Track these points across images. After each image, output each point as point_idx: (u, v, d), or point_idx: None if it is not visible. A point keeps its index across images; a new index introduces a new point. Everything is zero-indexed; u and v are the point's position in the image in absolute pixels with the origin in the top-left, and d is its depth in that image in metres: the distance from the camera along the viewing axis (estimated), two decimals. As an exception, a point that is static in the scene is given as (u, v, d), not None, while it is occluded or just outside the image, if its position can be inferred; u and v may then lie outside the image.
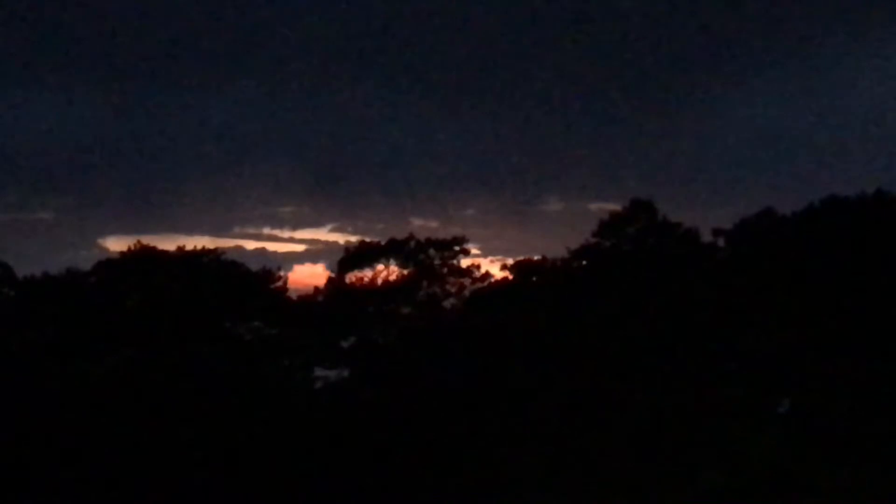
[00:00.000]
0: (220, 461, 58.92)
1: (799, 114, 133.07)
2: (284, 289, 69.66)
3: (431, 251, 69.39)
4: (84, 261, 71.08)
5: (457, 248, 69.57)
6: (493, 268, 70.42)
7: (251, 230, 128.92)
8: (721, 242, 65.37)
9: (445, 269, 69.25)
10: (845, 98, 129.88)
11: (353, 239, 74.70)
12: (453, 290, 69.25)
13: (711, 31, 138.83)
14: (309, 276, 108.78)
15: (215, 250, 70.32)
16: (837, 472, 50.45)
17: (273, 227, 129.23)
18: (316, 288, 69.81)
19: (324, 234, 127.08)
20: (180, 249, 69.47)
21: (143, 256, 68.73)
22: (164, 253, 69.24)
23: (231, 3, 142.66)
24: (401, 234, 70.27)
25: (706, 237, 65.67)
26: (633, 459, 54.76)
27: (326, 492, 57.42)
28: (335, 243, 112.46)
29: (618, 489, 53.47)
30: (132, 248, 69.23)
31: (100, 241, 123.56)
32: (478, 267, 69.83)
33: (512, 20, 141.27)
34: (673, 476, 53.38)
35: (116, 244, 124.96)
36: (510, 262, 69.78)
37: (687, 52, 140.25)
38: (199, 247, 70.04)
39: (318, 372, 67.17)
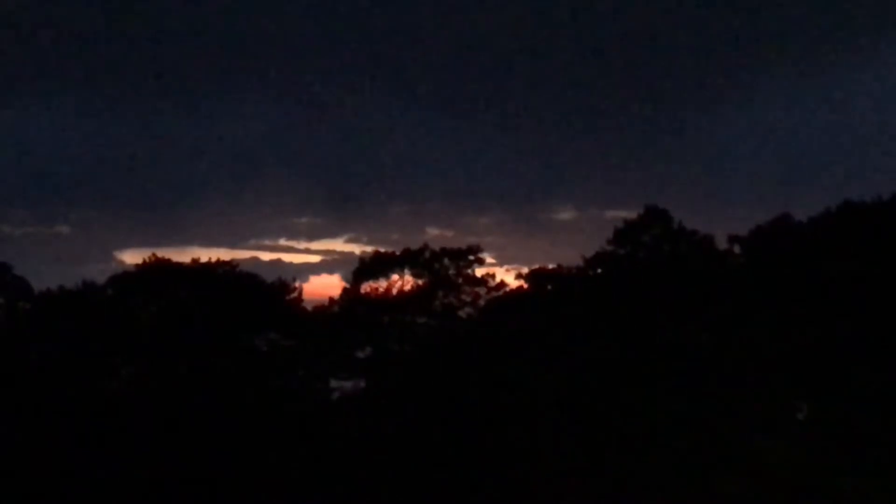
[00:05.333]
0: (236, 472, 58.96)
1: (814, 119, 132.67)
2: (300, 300, 69.63)
3: (446, 261, 69.22)
4: (100, 274, 71.35)
5: (471, 257, 69.39)
6: (509, 277, 70.27)
7: (267, 242, 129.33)
8: (737, 249, 65.02)
9: (460, 279, 69.06)
10: (861, 102, 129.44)
11: (369, 249, 74.58)
12: (468, 299, 69.06)
13: (727, 36, 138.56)
14: (324, 286, 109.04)
15: (230, 262, 70.42)
16: (855, 479, 50.22)
17: (289, 238, 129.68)
18: (331, 298, 69.74)
19: (339, 245, 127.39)
20: (195, 262, 69.53)
21: (158, 269, 68.78)
22: (179, 265, 69.28)
23: (248, 17, 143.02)
24: (416, 244, 70.23)
25: (722, 244, 65.37)
26: (650, 466, 54.61)
27: (344, 501, 57.43)
28: (351, 254, 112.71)
29: (636, 496, 53.35)
30: (147, 260, 69.33)
31: (116, 254, 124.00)
32: (493, 276, 69.66)
33: (526, 28, 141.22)
34: (690, 482, 53.25)
35: (133, 257, 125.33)
36: (525, 270, 69.58)
37: (701, 58, 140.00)
38: (215, 259, 70.20)
39: (334, 383, 67.11)
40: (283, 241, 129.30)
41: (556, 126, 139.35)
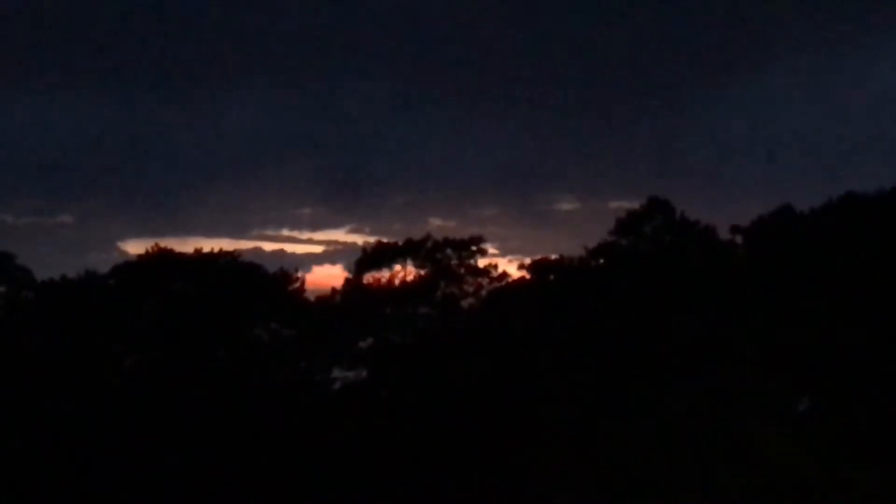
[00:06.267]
0: (238, 462, 59.07)
1: (816, 110, 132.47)
2: (302, 290, 69.61)
3: (448, 251, 69.19)
4: (103, 264, 71.12)
5: (474, 247, 69.34)
6: (511, 267, 70.22)
7: (270, 232, 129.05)
8: (739, 240, 65.09)
9: (463, 270, 69.04)
10: (863, 93, 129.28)
11: (371, 240, 74.49)
12: (471, 290, 69.04)
13: (729, 25, 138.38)
14: (327, 277, 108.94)
15: (233, 252, 70.36)
16: (855, 471, 50.26)
17: (292, 228, 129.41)
18: (333, 289, 69.74)
19: (342, 236, 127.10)
20: (198, 252, 69.54)
21: (161, 259, 68.82)
22: (182, 255, 69.32)
23: (250, 6, 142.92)
24: (419, 235, 70.17)
25: (724, 235, 65.42)
26: (651, 458, 54.66)
27: (345, 492, 57.52)
28: (353, 244, 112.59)
29: (637, 487, 53.44)
30: (150, 251, 69.39)
31: (119, 244, 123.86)
32: (495, 267, 69.63)
33: (530, 19, 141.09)
34: (691, 474, 53.29)
35: (136, 247, 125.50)
36: (528, 261, 69.56)
37: (703, 48, 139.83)
38: (217, 249, 70.15)
39: (337, 373, 67.14)
40: (285, 232, 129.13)
41: (559, 117, 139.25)
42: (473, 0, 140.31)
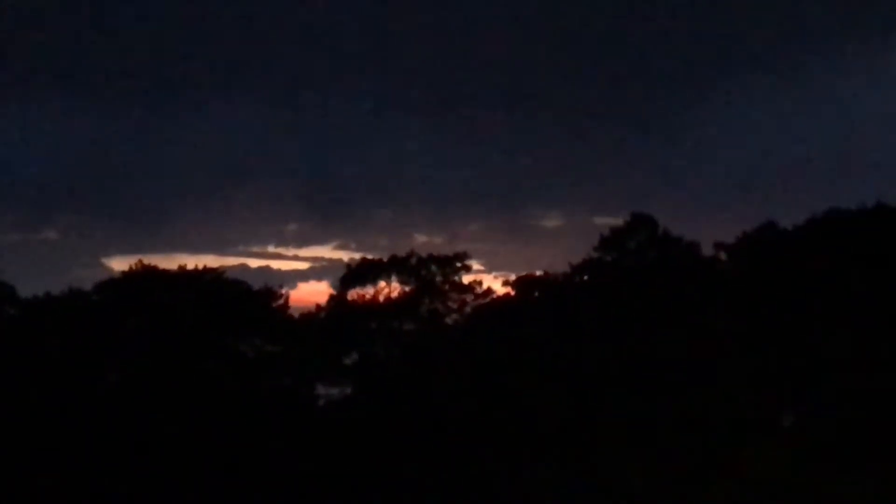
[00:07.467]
0: (223, 477, 59.02)
1: (799, 127, 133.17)
2: (286, 306, 69.54)
3: (433, 267, 69.22)
4: (87, 281, 70.99)
5: (458, 264, 69.39)
6: (496, 283, 70.25)
7: (256, 248, 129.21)
8: (723, 256, 65.31)
9: (447, 286, 69.07)
10: (846, 110, 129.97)
11: (357, 256, 74.40)
12: (455, 306, 69.08)
13: (713, 44, 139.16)
14: (312, 293, 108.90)
15: (217, 269, 70.34)
16: (839, 484, 50.45)
17: (278, 245, 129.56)
18: (318, 305, 69.70)
19: (328, 252, 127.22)
20: (182, 268, 69.54)
21: (145, 276, 68.76)
22: (166, 272, 69.24)
23: (235, 23, 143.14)
24: (404, 251, 70.16)
25: (708, 251, 65.64)
26: (638, 473, 54.76)
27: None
28: (339, 261, 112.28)
29: (622, 501, 53.52)
30: (133, 267, 69.31)
31: (104, 260, 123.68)
32: (480, 283, 69.68)
33: (515, 36, 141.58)
34: (677, 488, 53.41)
35: (120, 264, 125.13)
36: (513, 277, 69.61)
37: (689, 66, 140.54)
38: (202, 266, 70.18)
39: (321, 389, 67.13)
40: (271, 248, 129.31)
41: (544, 133, 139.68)
42: (460, 16, 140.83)
